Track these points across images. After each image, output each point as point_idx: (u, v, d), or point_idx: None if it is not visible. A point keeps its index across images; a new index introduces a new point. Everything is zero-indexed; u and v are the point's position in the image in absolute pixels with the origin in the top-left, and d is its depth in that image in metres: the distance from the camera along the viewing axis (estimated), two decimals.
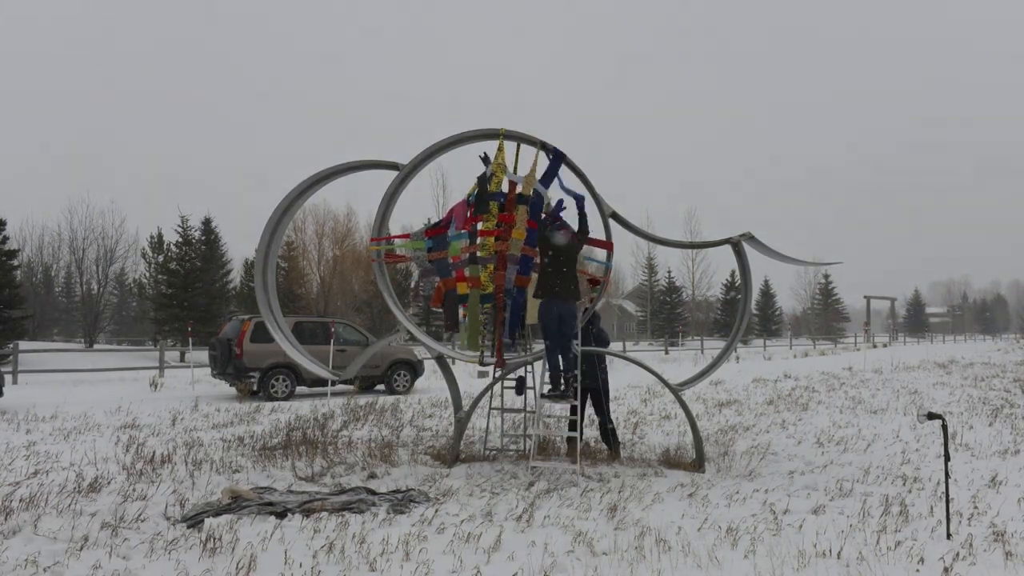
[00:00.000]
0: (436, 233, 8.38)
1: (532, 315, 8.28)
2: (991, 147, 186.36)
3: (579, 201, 7.94)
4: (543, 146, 8.12)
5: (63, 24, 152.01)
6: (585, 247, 8.24)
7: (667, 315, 56.11)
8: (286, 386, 15.48)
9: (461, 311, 8.56)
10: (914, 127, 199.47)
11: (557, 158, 8.09)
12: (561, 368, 7.80)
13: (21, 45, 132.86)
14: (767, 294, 64.65)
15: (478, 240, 8.16)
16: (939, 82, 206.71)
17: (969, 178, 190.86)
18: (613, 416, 9.53)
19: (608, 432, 8.59)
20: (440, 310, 8.57)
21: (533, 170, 8.08)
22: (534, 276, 8.17)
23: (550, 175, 8.09)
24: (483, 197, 8.09)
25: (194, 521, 5.56)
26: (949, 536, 5.32)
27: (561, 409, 10.18)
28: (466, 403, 8.61)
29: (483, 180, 8.13)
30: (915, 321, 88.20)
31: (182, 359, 28.27)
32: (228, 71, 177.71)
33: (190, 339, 21.97)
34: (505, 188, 8.16)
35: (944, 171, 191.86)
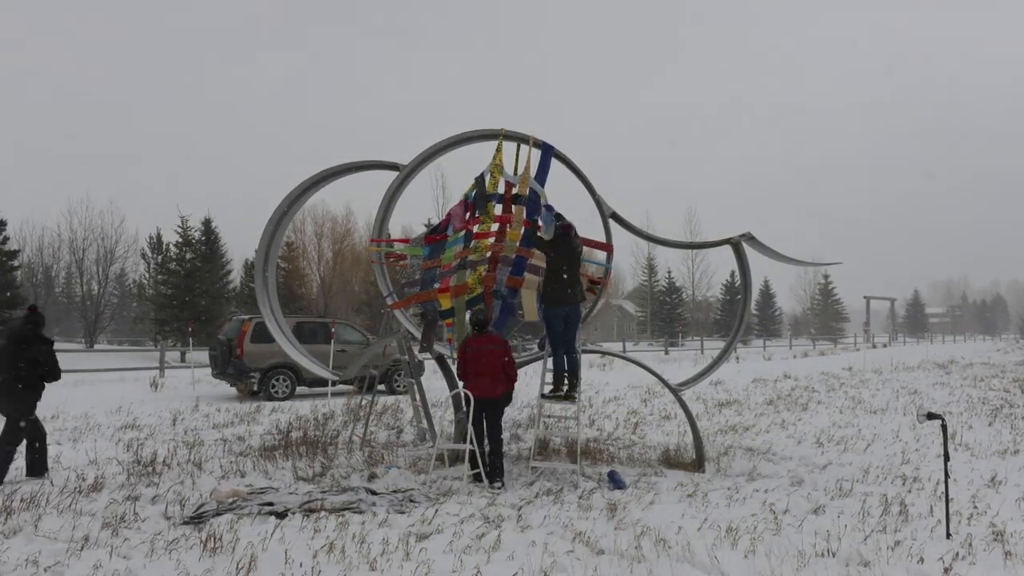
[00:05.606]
0: (434, 240, 8.22)
1: (531, 313, 8.28)
2: (991, 146, 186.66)
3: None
4: (534, 142, 8.12)
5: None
6: (585, 249, 8.23)
7: (667, 315, 55.99)
8: (286, 386, 15.50)
9: (445, 327, 8.57)
10: (915, 126, 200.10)
11: (547, 152, 8.09)
12: (564, 369, 7.81)
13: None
14: (767, 294, 64.52)
15: (472, 243, 8.12)
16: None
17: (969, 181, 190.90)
18: (613, 416, 9.50)
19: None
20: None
21: (528, 168, 8.08)
22: (527, 276, 8.16)
23: (543, 170, 8.09)
24: (480, 198, 8.07)
25: (195, 521, 5.57)
26: (949, 536, 5.33)
27: (561, 409, 10.17)
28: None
29: (480, 180, 8.13)
30: (915, 321, 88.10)
31: (182, 359, 28.27)
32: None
33: (190, 339, 21.99)
34: (502, 189, 8.16)
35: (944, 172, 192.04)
